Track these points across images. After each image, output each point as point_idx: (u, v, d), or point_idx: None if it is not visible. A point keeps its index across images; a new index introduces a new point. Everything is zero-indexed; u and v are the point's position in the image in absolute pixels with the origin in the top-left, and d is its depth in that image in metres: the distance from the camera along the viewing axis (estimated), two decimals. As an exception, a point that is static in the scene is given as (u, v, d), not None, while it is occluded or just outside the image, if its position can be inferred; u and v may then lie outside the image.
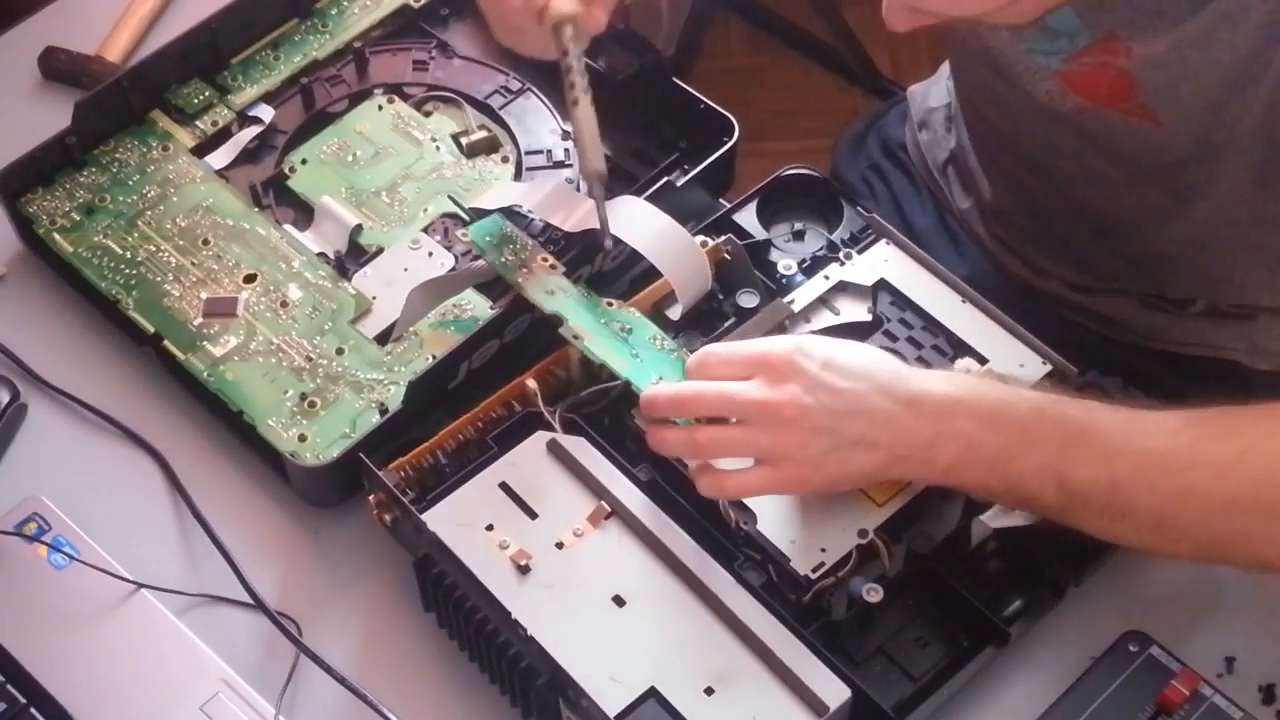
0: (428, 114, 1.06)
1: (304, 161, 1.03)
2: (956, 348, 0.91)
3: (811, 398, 0.79)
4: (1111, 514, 0.79)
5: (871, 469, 0.81)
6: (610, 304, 0.91)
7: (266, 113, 1.05)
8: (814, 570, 0.82)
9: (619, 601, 0.81)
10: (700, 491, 0.83)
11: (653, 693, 0.78)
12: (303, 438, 0.91)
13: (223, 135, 1.04)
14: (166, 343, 0.95)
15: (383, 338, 0.95)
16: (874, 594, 0.81)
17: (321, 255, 0.99)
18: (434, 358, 0.92)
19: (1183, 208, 0.96)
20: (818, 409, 0.79)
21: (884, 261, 0.95)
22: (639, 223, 0.92)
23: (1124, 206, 1.00)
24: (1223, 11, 0.82)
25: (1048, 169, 1.03)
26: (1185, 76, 0.86)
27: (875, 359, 0.82)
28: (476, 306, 0.96)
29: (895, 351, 0.89)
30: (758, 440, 0.80)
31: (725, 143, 1.00)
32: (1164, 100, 0.89)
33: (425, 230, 1.00)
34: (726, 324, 0.93)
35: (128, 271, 0.97)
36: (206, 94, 1.05)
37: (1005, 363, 0.89)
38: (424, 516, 0.83)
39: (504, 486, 0.85)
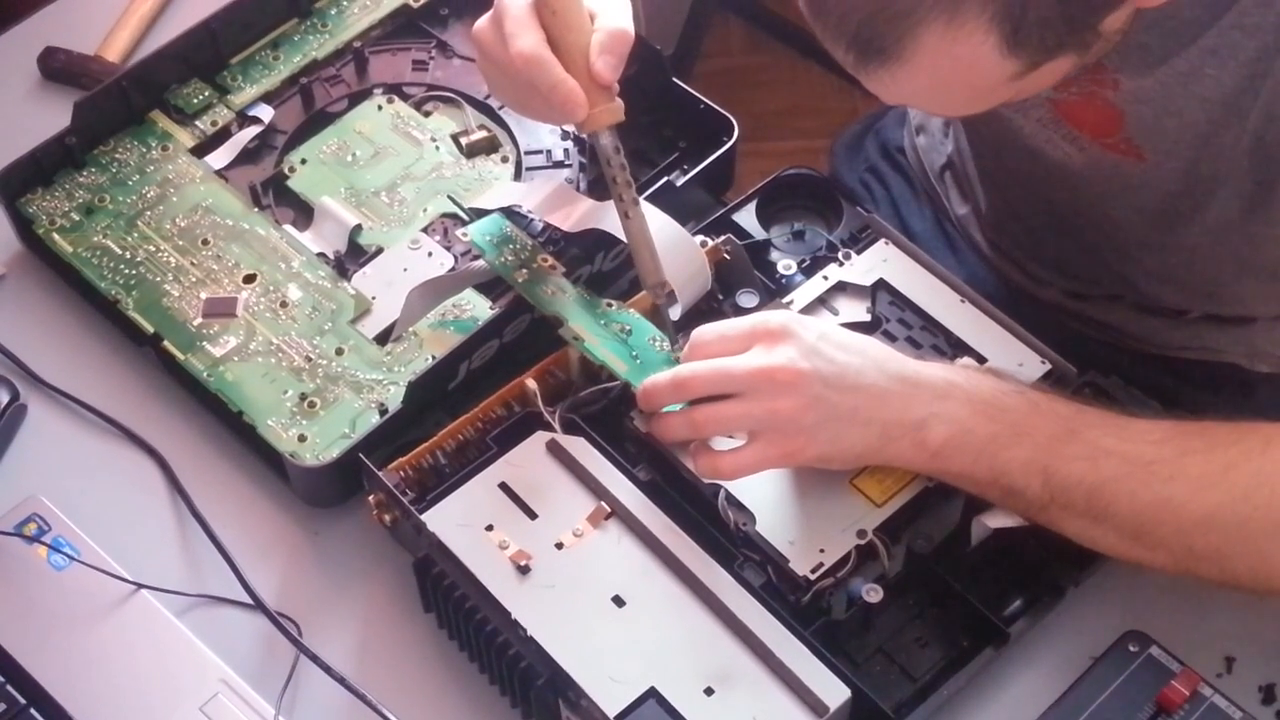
0: (427, 114, 1.06)
1: (304, 161, 1.03)
2: (955, 347, 0.91)
3: (807, 363, 0.80)
4: (1091, 516, 0.79)
5: (863, 447, 0.81)
6: (610, 304, 0.91)
7: (266, 113, 1.05)
8: (813, 571, 0.82)
9: (619, 602, 0.81)
10: (698, 474, 0.83)
11: (653, 693, 0.78)
12: (302, 438, 0.91)
13: (222, 135, 1.04)
14: (166, 343, 0.95)
15: (382, 338, 0.95)
16: (874, 594, 0.81)
17: (321, 255, 0.99)
18: (434, 358, 0.92)
19: (1171, 233, 0.96)
20: (813, 375, 0.80)
21: (883, 261, 0.95)
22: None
23: (1112, 231, 1.00)
24: (1209, 48, 0.82)
25: (1037, 192, 1.03)
26: (1170, 112, 0.86)
27: (869, 339, 0.84)
28: (476, 306, 0.95)
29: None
30: (753, 411, 0.81)
31: (725, 143, 1.00)
32: (1149, 135, 0.89)
33: (425, 230, 1.00)
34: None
35: (127, 271, 0.97)
36: (206, 94, 1.05)
37: (1004, 362, 0.90)
38: (424, 517, 0.83)
39: (504, 487, 0.85)
